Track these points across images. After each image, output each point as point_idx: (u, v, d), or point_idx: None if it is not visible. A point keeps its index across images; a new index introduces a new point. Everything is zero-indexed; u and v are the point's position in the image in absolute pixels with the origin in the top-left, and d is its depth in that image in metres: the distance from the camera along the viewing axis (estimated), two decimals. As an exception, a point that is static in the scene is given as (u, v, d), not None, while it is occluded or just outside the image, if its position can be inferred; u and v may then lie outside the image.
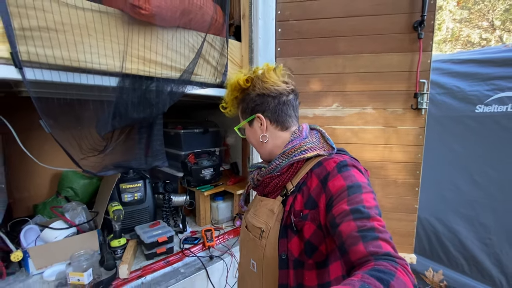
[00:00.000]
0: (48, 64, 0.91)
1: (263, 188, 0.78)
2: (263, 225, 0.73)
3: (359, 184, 0.59)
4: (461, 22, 7.31)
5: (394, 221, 1.42)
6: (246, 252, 0.82)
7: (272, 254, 0.70)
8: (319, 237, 0.64)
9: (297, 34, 1.40)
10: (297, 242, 0.66)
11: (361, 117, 1.38)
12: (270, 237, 0.71)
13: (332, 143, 0.73)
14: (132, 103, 1.08)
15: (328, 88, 1.40)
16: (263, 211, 0.76)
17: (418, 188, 1.36)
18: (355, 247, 0.49)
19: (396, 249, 0.49)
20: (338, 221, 0.55)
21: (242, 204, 0.92)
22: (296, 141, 0.72)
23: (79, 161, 1.04)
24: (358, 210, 0.53)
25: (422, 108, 1.30)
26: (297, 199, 0.68)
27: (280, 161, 0.72)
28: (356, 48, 1.35)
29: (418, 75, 1.28)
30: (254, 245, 0.76)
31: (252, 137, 0.80)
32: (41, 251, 1.20)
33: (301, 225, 0.65)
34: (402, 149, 1.36)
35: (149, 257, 1.32)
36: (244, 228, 0.83)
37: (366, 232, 0.50)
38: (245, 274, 0.84)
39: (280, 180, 0.73)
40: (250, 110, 0.77)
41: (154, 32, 1.11)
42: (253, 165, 0.85)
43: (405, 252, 1.42)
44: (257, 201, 0.81)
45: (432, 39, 1.27)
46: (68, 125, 1.00)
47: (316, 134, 0.76)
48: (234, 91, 0.80)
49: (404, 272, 0.42)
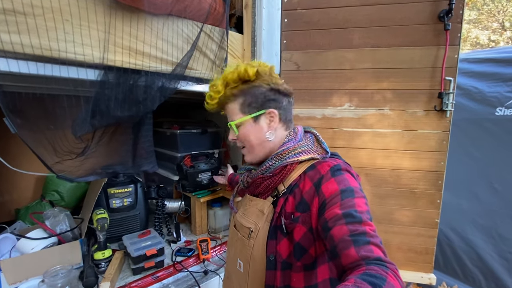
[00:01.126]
0: (14, 53, 0.78)
1: (254, 188, 0.77)
2: (252, 225, 0.72)
3: (352, 188, 0.59)
4: (469, 23, 7.11)
5: (411, 236, 1.26)
6: (233, 252, 0.81)
7: (259, 255, 0.70)
8: (309, 240, 0.64)
9: (305, 25, 1.25)
10: (286, 244, 0.66)
11: (376, 119, 1.23)
12: (259, 237, 0.70)
13: (326, 147, 0.73)
14: (116, 100, 0.94)
15: (340, 86, 1.25)
16: (252, 211, 0.75)
17: (440, 200, 1.20)
18: (347, 251, 0.50)
19: (386, 254, 0.49)
20: (330, 224, 0.55)
21: (232, 205, 0.88)
22: (290, 143, 0.72)
23: (53, 165, 0.91)
24: (350, 214, 0.54)
25: (447, 109, 1.14)
26: (288, 201, 0.68)
27: (273, 162, 0.71)
28: (372, 41, 1.19)
29: (444, 72, 1.12)
30: (242, 244, 0.75)
31: (253, 135, 0.74)
32: (15, 264, 1.07)
33: (291, 228, 0.65)
34: (422, 155, 1.20)
35: (136, 272, 1.18)
36: (232, 227, 0.83)
37: (358, 236, 0.50)
38: (231, 274, 0.82)
39: (272, 182, 0.72)
40: (260, 104, 0.72)
41: (142, 19, 0.97)
42: (242, 168, 0.84)
43: (423, 272, 1.27)
44: (247, 200, 0.80)
45: (461, 31, 1.12)
46: (39, 124, 0.87)
47: (311, 137, 0.76)
48: (236, 81, 0.73)
49: (394, 277, 0.43)
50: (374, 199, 1.28)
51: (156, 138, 2.02)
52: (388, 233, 1.27)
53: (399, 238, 1.27)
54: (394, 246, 1.28)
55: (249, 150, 0.76)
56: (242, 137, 0.75)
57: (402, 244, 1.27)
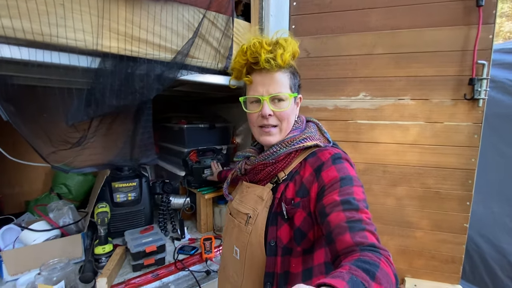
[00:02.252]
0: (6, 38, 0.75)
1: (253, 175, 0.77)
2: (250, 211, 0.72)
3: (351, 177, 0.61)
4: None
5: (435, 242, 1.12)
6: (229, 239, 0.80)
7: (257, 241, 0.69)
8: (308, 224, 0.65)
9: (317, 8, 1.14)
10: (287, 229, 0.67)
11: (396, 109, 1.10)
12: (257, 223, 0.70)
13: (328, 136, 0.74)
14: (111, 88, 0.90)
15: (354, 74, 1.13)
16: (250, 197, 0.75)
17: (470, 202, 1.06)
18: (342, 237, 0.51)
19: (380, 240, 0.50)
20: (328, 210, 0.57)
21: (226, 192, 0.87)
22: (296, 131, 0.74)
23: (48, 155, 0.88)
24: (348, 201, 0.55)
25: (480, 98, 0.99)
26: (288, 187, 0.69)
27: (278, 148, 0.71)
28: (392, 22, 1.06)
29: (476, 55, 0.98)
30: (238, 231, 0.74)
31: (293, 114, 0.76)
32: (17, 255, 1.07)
33: (292, 213, 0.66)
34: (449, 151, 1.06)
35: (136, 269, 1.14)
36: (228, 215, 0.82)
37: (354, 223, 0.52)
38: (227, 263, 0.81)
39: (274, 168, 0.72)
40: (297, 86, 0.76)
41: (138, 2, 0.92)
42: (240, 155, 0.84)
43: (449, 282, 1.12)
44: (244, 187, 0.80)
45: (496, 7, 0.97)
46: (32, 112, 0.84)
47: (313, 126, 0.77)
48: (292, 58, 0.73)
49: (387, 263, 0.44)
50: (390, 199, 1.15)
51: (164, 133, 2.02)
52: (408, 238, 1.14)
53: (420, 244, 1.14)
54: (415, 253, 1.15)
55: (282, 129, 0.73)
56: (285, 114, 0.71)
57: (424, 251, 1.14)
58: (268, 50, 0.69)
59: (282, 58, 0.68)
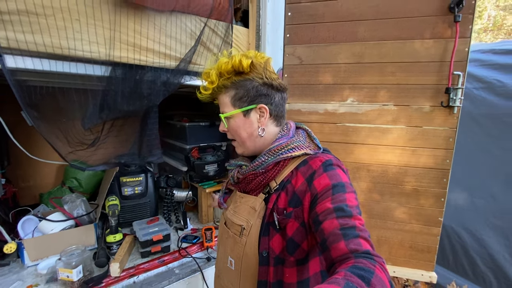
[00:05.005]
0: (29, 51, 0.85)
1: (245, 184, 0.76)
2: (244, 223, 0.72)
3: (343, 183, 0.61)
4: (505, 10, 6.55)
5: (413, 234, 1.25)
6: (223, 250, 0.80)
7: (252, 252, 0.69)
8: (301, 234, 0.65)
9: (310, 18, 1.23)
10: (279, 239, 0.67)
11: (380, 114, 1.20)
12: (251, 234, 0.70)
13: (318, 143, 0.73)
14: (122, 94, 1.00)
15: (343, 81, 1.23)
16: (244, 208, 0.75)
17: (445, 198, 1.18)
18: (336, 244, 0.51)
19: (374, 247, 0.51)
20: (321, 218, 0.57)
21: (222, 201, 0.88)
22: (283, 139, 0.72)
23: (67, 155, 0.99)
24: (341, 208, 0.55)
25: (455, 105, 1.09)
26: (280, 197, 0.68)
27: (265, 158, 0.70)
28: (379, 34, 1.16)
29: (452, 66, 1.07)
30: (233, 242, 0.74)
31: (243, 129, 0.73)
32: (36, 243, 1.19)
33: (284, 223, 0.66)
34: (427, 152, 1.17)
35: (144, 255, 1.27)
36: (223, 225, 0.82)
37: (348, 230, 0.52)
38: (221, 272, 0.82)
39: (264, 178, 0.71)
40: (250, 98, 0.71)
41: (145, 15, 1.01)
42: (233, 163, 0.81)
43: (424, 270, 1.26)
44: (237, 197, 0.79)
45: (472, 23, 1.06)
46: (53, 117, 0.94)
47: (303, 133, 0.75)
48: (232, 72, 0.70)
49: (382, 270, 0.44)
50: (374, 195, 1.27)
51: (167, 130, 2.12)
52: (389, 230, 1.27)
53: (400, 235, 1.26)
54: (395, 243, 1.28)
55: (240, 143, 0.75)
56: (232, 131, 0.74)
57: (404, 242, 1.26)
58: (205, 77, 0.74)
59: (212, 84, 0.72)
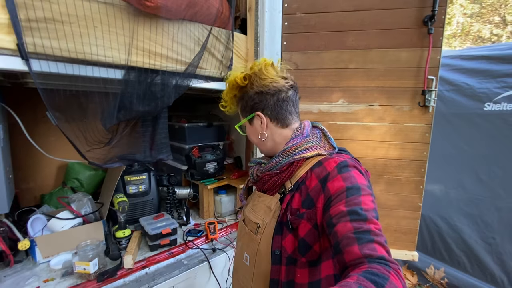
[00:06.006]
0: (54, 56, 0.91)
1: (262, 184, 0.79)
2: (260, 221, 0.74)
3: (358, 186, 0.59)
4: (472, 17, 7.13)
5: (397, 218, 1.41)
6: (240, 245, 0.83)
7: (266, 250, 0.71)
8: (313, 236, 0.64)
9: (304, 28, 1.38)
10: (291, 239, 0.67)
11: (367, 113, 1.37)
12: (266, 233, 0.71)
13: (333, 143, 0.73)
14: (137, 96, 1.08)
15: (334, 84, 1.38)
16: (260, 207, 0.77)
17: (423, 186, 1.35)
18: (349, 248, 0.50)
19: (390, 253, 0.49)
20: (334, 221, 0.56)
21: (242, 198, 0.92)
22: (297, 139, 0.72)
23: (85, 153, 1.05)
24: (355, 211, 0.54)
25: (430, 105, 1.27)
26: (294, 198, 0.69)
27: (280, 159, 0.72)
28: (364, 43, 1.32)
29: (427, 72, 1.25)
30: (249, 239, 0.77)
31: (253, 135, 0.81)
32: (48, 240, 1.22)
33: (296, 223, 0.66)
34: (407, 146, 1.35)
35: (153, 248, 1.34)
36: (241, 221, 0.85)
37: (362, 234, 0.51)
38: (238, 267, 0.85)
39: (279, 178, 0.73)
40: (249, 108, 0.77)
41: (160, 24, 1.10)
42: (254, 160, 0.84)
43: (407, 250, 1.42)
44: (256, 196, 0.82)
45: (442, 35, 1.24)
46: (73, 117, 1.01)
47: (318, 133, 0.76)
48: (232, 89, 0.80)
49: (397, 277, 0.43)
50: (364, 185, 1.43)
51: (165, 131, 2.17)
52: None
53: (386, 220, 1.42)
54: (383, 227, 1.42)
55: (256, 146, 0.86)
56: (248, 137, 0.84)
57: (389, 225, 1.43)
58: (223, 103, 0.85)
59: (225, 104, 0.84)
